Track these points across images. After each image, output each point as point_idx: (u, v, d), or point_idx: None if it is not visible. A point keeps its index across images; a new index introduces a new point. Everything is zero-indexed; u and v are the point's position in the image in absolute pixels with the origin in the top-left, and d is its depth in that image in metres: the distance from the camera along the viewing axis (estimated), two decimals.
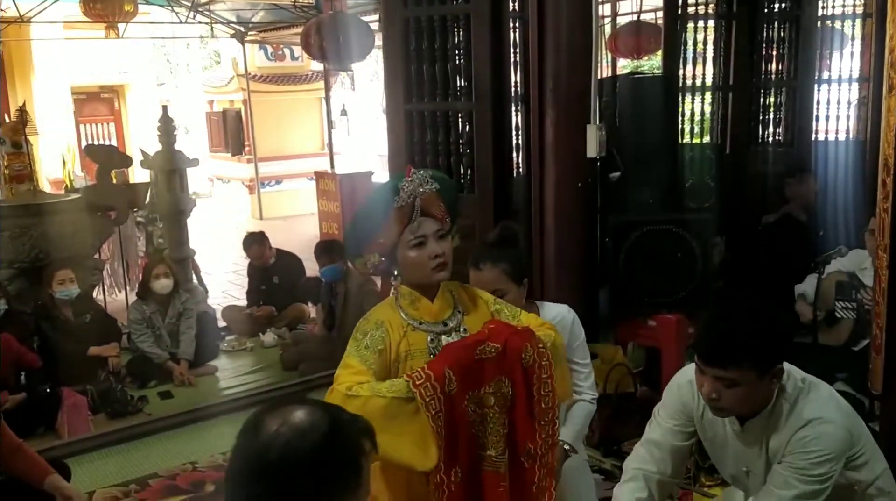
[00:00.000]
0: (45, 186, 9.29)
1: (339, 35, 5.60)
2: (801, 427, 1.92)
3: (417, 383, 1.88)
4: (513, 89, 4.08)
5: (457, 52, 4.00)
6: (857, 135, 5.61)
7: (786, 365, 1.96)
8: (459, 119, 4.09)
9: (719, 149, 4.84)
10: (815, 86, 5.38)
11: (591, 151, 3.38)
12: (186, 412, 4.13)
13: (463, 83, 4.05)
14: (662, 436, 2.20)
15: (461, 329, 2.08)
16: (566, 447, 2.66)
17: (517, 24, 4.01)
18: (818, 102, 5.44)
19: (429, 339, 2.05)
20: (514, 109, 4.11)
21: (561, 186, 3.51)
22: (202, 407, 4.18)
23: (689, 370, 2.09)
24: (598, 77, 3.50)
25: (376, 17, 7.94)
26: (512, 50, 4.03)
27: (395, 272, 2.08)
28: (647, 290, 3.56)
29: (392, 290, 2.12)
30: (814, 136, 5.42)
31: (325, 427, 1.24)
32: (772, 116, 5.32)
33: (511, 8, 4.00)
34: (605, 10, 8.79)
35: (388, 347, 2.03)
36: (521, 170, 4.11)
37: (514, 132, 4.10)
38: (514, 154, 4.14)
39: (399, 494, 2.07)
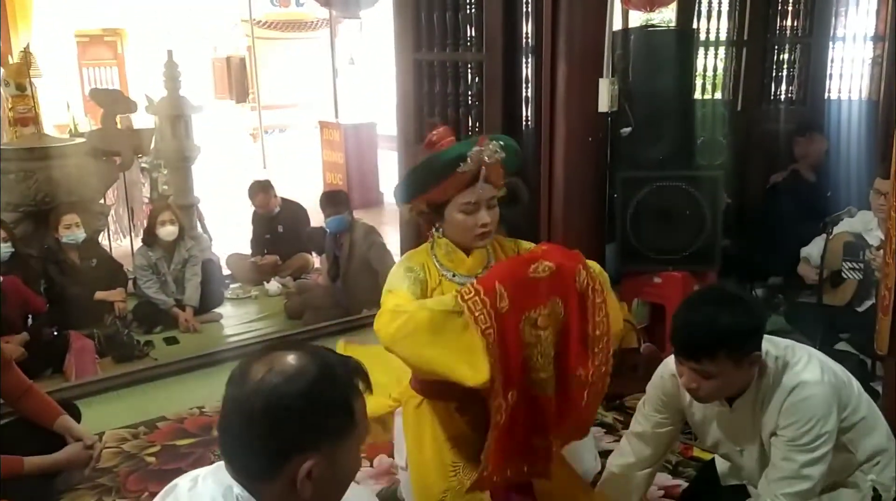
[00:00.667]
0: (50, 131, 9.27)
1: None
2: (785, 398, 1.93)
3: (466, 297, 1.87)
4: (524, 40, 4.02)
5: (468, 1, 3.93)
6: (869, 95, 5.55)
7: (765, 341, 1.96)
8: (469, 70, 4.03)
9: (731, 106, 4.79)
10: (830, 43, 5.30)
11: (603, 105, 3.34)
12: (192, 358, 4.16)
13: (473, 33, 3.98)
14: (652, 428, 2.25)
15: None
16: None
17: None
18: (832, 60, 5.37)
19: None
20: (524, 60, 4.06)
21: (571, 140, 3.47)
22: (207, 354, 4.21)
23: (670, 362, 2.10)
24: (612, 30, 3.43)
25: None
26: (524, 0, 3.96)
27: (438, 225, 2.11)
28: (654, 246, 3.56)
29: (430, 238, 2.15)
30: (826, 94, 5.37)
31: (312, 372, 1.22)
32: (785, 73, 5.26)
33: None
34: None
35: (425, 286, 2.06)
36: (530, 123, 4.07)
37: (524, 85, 4.05)
38: (524, 107, 4.10)
39: (442, 428, 2.11)
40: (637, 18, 5.68)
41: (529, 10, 3.93)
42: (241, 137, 12.69)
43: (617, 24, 3.97)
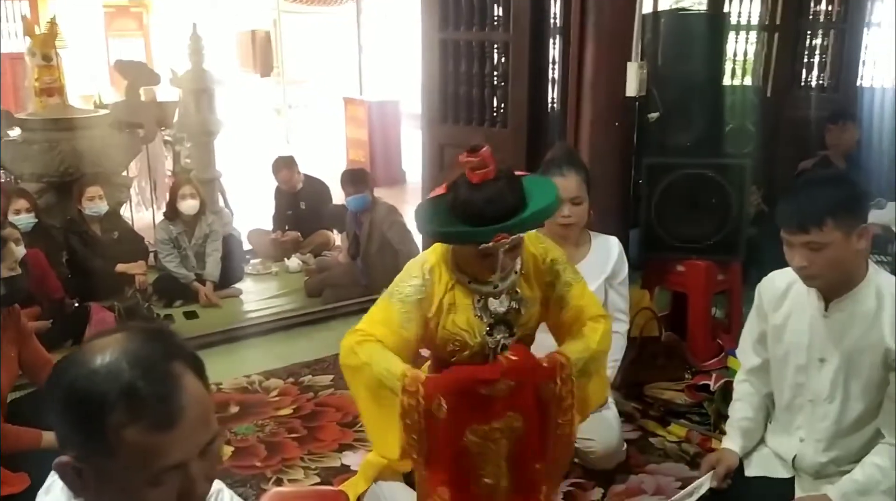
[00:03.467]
0: (75, 102, 9.29)
1: None
2: None
3: (407, 386, 1.84)
4: (552, 21, 3.96)
5: None
6: None
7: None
8: (495, 50, 3.98)
9: (761, 92, 4.69)
10: (865, 29, 5.18)
11: (631, 89, 3.29)
12: (211, 334, 4.17)
13: (500, 13, 3.93)
14: (762, 360, 2.18)
15: (514, 292, 2.02)
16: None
17: None
18: (866, 47, 5.25)
19: (476, 298, 2.01)
20: (552, 42, 4.00)
21: (597, 124, 3.42)
22: (227, 330, 4.22)
23: (763, 282, 2.14)
24: (642, 12, 3.36)
25: None
26: None
27: None
28: (678, 234, 3.50)
29: None
30: (859, 82, 5.25)
31: (73, 376, 1.02)
32: (817, 59, 5.15)
33: None
34: None
35: (430, 297, 1.98)
36: (556, 106, 4.02)
37: (551, 66, 4.00)
38: (550, 89, 4.05)
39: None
40: (668, 2, 5.59)
41: None
42: (265, 111, 12.67)
43: (647, 7, 3.90)
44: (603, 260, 2.81)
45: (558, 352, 2.02)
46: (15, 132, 5.15)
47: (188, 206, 5.07)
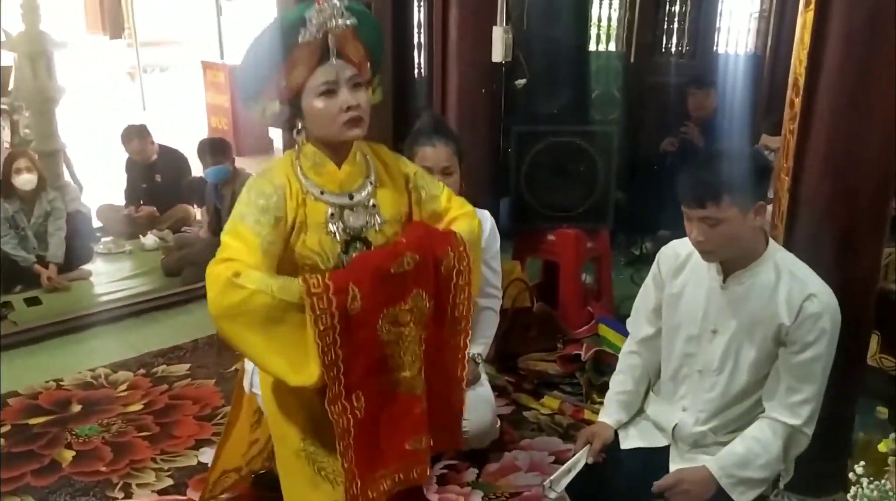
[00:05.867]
0: None
1: None
2: (806, 298, 1.87)
3: (312, 291, 1.63)
4: None
5: None
6: (755, 49, 5.62)
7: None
8: None
9: (625, 58, 4.72)
10: None
11: (497, 55, 3.19)
12: (53, 323, 3.82)
13: None
14: (655, 330, 2.16)
15: (370, 204, 1.81)
16: (477, 360, 2.65)
17: None
18: (720, 14, 5.41)
19: (329, 212, 1.77)
20: (416, 4, 3.85)
21: (464, 90, 3.32)
22: (71, 318, 3.88)
23: (662, 250, 2.15)
24: None
25: None
26: None
27: (299, 126, 1.77)
28: (548, 203, 3.48)
29: (295, 147, 1.82)
30: (714, 48, 5.41)
31: None
32: (676, 25, 5.25)
33: None
34: None
35: (286, 215, 1.74)
36: (423, 71, 3.88)
37: (416, 30, 3.85)
38: (417, 54, 3.91)
39: (299, 421, 1.85)
40: None
41: None
42: (117, 76, 11.86)
43: None
44: None
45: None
46: None
47: (24, 181, 4.63)
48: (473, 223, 1.93)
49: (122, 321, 3.97)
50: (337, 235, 1.77)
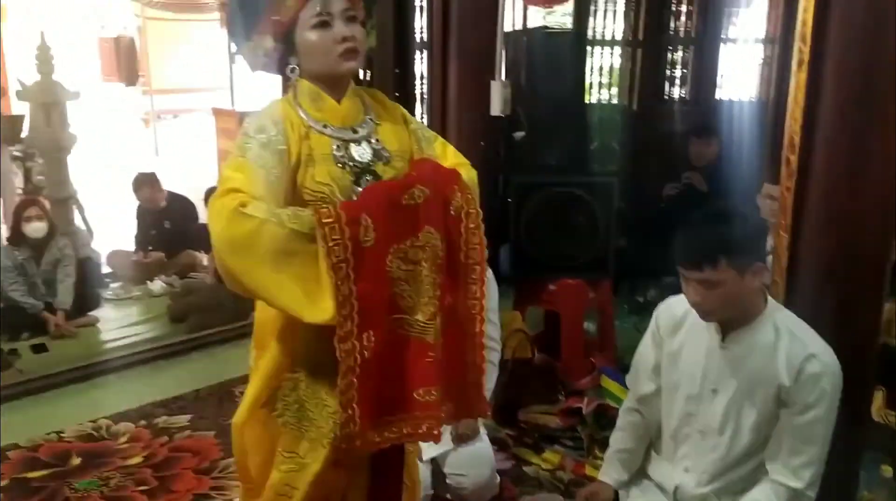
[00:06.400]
0: None
1: None
2: (805, 359, 1.85)
3: (324, 221, 1.57)
4: (418, 35, 3.87)
5: None
6: (759, 96, 5.66)
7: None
8: None
9: (627, 107, 4.77)
10: (721, 44, 5.39)
11: (496, 108, 3.22)
12: (58, 373, 3.83)
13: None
14: (654, 387, 2.14)
15: (373, 139, 1.76)
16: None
17: None
18: (723, 61, 5.47)
19: (334, 146, 1.72)
20: (419, 56, 3.91)
21: (463, 142, 3.33)
22: (75, 368, 3.89)
23: (659, 308, 2.14)
24: (506, 30, 3.31)
25: None
26: None
27: (293, 64, 1.74)
28: (549, 253, 3.49)
29: (290, 86, 1.77)
30: (717, 95, 5.45)
31: None
32: (679, 73, 5.31)
33: None
34: None
35: (289, 149, 1.68)
36: (425, 121, 3.92)
37: (418, 82, 3.90)
38: (419, 105, 3.96)
39: (297, 359, 1.76)
40: (537, 19, 5.65)
41: (423, 3, 3.79)
42: (132, 122, 12.07)
43: (517, 25, 3.88)
44: None
45: None
46: None
47: (34, 229, 4.69)
48: (472, 174, 1.86)
49: (127, 369, 3.98)
50: (346, 166, 1.72)
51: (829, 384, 1.86)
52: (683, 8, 5.22)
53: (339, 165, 1.70)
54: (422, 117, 3.94)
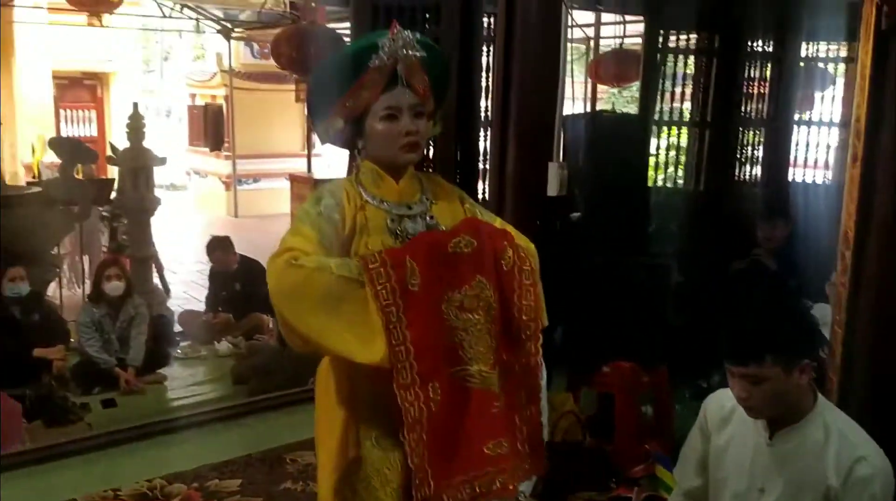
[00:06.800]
0: (20, 170, 9.16)
1: (307, 46, 5.43)
2: (856, 461, 1.80)
3: (370, 266, 1.63)
4: (482, 114, 3.98)
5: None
6: (834, 179, 5.53)
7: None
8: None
9: (693, 187, 4.73)
10: (794, 126, 5.32)
11: (552, 189, 3.27)
12: (122, 430, 3.95)
13: None
14: (702, 482, 2.11)
15: (427, 217, 1.83)
16: (521, 498, 2.59)
17: (490, 48, 3.91)
18: (796, 144, 5.38)
19: (389, 219, 1.79)
20: (483, 135, 4.01)
21: (519, 221, 3.38)
22: (140, 425, 4.00)
23: (707, 400, 2.10)
24: (565, 113, 3.38)
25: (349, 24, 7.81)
26: (483, 74, 3.93)
27: (360, 146, 1.84)
28: (604, 335, 3.46)
29: (354, 166, 1.88)
30: (790, 177, 5.35)
31: None
32: (749, 155, 5.23)
33: (484, 31, 3.90)
34: (590, 32, 8.69)
35: (344, 219, 1.76)
36: (486, 198, 3.99)
37: (480, 159, 3.99)
38: (481, 182, 4.03)
39: (359, 409, 1.76)
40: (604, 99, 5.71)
41: (489, 83, 3.91)
42: (215, 185, 12.62)
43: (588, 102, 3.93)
44: None
45: None
46: None
47: (113, 288, 4.92)
48: (530, 245, 1.90)
49: (187, 430, 4.08)
50: (399, 237, 1.78)
51: (880, 489, 1.79)
52: (755, 89, 5.17)
53: (393, 236, 1.77)
54: (484, 193, 4.02)
